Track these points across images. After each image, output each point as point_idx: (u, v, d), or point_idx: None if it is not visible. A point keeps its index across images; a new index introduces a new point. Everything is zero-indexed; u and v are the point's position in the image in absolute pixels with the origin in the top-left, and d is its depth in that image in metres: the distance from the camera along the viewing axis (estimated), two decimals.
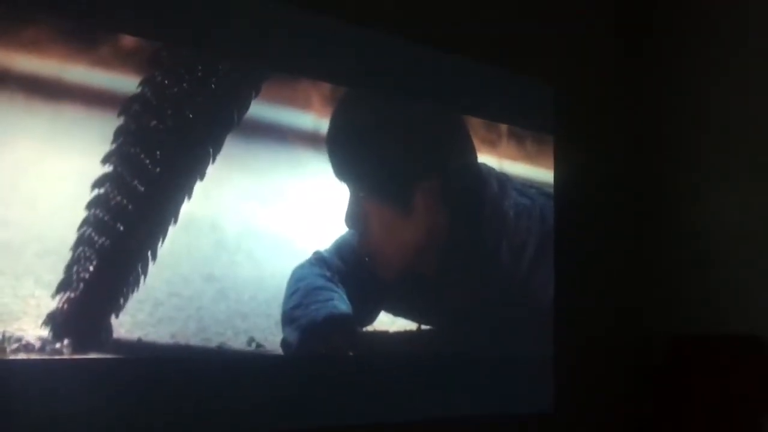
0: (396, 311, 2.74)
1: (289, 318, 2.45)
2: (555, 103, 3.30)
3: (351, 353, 2.61)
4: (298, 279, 2.48)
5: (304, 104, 2.55)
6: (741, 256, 3.34)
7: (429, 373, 2.83)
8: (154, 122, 2.26)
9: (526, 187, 3.09)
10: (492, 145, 3.02)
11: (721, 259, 3.39)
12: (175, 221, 2.23)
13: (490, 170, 2.97)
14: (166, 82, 2.29)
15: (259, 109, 2.43)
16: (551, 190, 3.24)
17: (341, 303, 2.55)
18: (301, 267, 2.51)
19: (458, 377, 2.90)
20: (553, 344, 3.21)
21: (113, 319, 2.14)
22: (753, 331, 3.21)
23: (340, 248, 2.61)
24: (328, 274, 2.56)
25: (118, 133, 2.18)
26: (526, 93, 3.24)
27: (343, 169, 2.63)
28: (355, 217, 2.66)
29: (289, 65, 2.56)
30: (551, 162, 3.23)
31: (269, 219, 2.43)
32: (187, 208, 2.26)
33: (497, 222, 2.92)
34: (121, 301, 2.15)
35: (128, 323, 2.15)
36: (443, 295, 2.87)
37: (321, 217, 2.56)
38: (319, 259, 2.56)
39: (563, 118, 3.32)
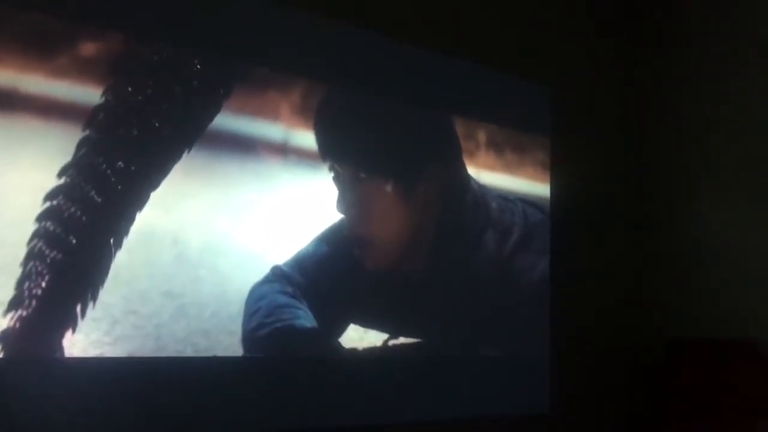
0: (366, 323, 2.66)
1: (250, 339, 2.37)
2: (552, 104, 3.26)
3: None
4: (258, 298, 2.39)
5: (273, 115, 2.48)
6: (737, 260, 3.32)
7: (421, 374, 2.79)
8: (120, 131, 2.20)
9: (504, 195, 3.04)
10: (470, 154, 2.95)
11: (718, 262, 3.37)
12: (126, 234, 2.16)
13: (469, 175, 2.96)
14: (130, 89, 2.22)
15: (225, 120, 2.37)
16: (531, 199, 3.16)
17: (306, 320, 2.48)
18: (260, 284, 2.42)
19: (452, 378, 2.87)
20: (549, 346, 3.18)
21: (69, 336, 2.08)
22: (748, 334, 3.18)
23: (301, 261, 2.51)
24: (289, 289, 2.47)
25: (82, 144, 2.12)
26: (523, 95, 3.20)
27: (341, 147, 2.57)
28: (349, 201, 2.59)
29: (277, 64, 2.51)
30: (531, 172, 3.17)
31: (235, 233, 2.37)
32: (147, 221, 2.20)
33: (481, 211, 2.89)
34: (77, 318, 2.09)
35: (82, 342, 2.09)
36: (431, 292, 2.81)
37: (289, 230, 2.49)
38: (278, 275, 2.47)
39: (560, 120, 3.29)
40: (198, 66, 2.34)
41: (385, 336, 2.70)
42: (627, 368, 3.51)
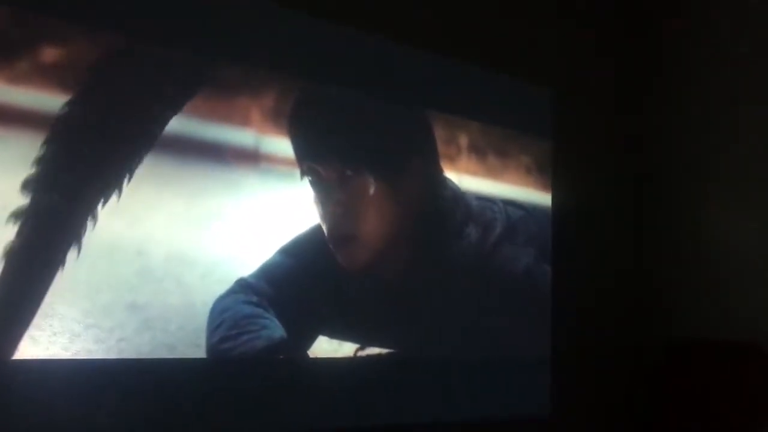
0: (338, 333, 2.58)
1: (215, 352, 2.30)
2: (553, 106, 3.24)
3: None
4: (221, 311, 2.30)
5: (244, 120, 2.41)
6: (740, 261, 3.31)
7: (421, 376, 2.76)
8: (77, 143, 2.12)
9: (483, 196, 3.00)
10: (451, 159, 2.88)
11: (721, 264, 3.36)
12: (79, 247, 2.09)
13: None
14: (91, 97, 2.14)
15: (193, 126, 2.30)
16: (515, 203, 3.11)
17: (274, 331, 2.40)
18: (223, 297, 2.32)
19: (451, 381, 2.84)
20: (551, 347, 3.16)
21: (27, 350, 2.02)
22: (751, 336, 3.16)
23: (267, 271, 2.42)
24: (254, 299, 2.37)
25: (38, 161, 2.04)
26: (523, 96, 3.16)
27: (324, 146, 2.53)
28: (336, 200, 2.54)
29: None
30: (515, 176, 3.10)
31: (202, 243, 2.30)
32: (111, 232, 2.13)
33: (462, 206, 2.86)
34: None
35: (41, 356, 2.02)
36: (413, 293, 2.76)
37: (260, 240, 2.42)
38: (242, 286, 2.37)
39: (562, 121, 3.26)
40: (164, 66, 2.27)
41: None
42: (629, 370, 3.49)
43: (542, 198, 3.19)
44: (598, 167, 3.48)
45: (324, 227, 2.57)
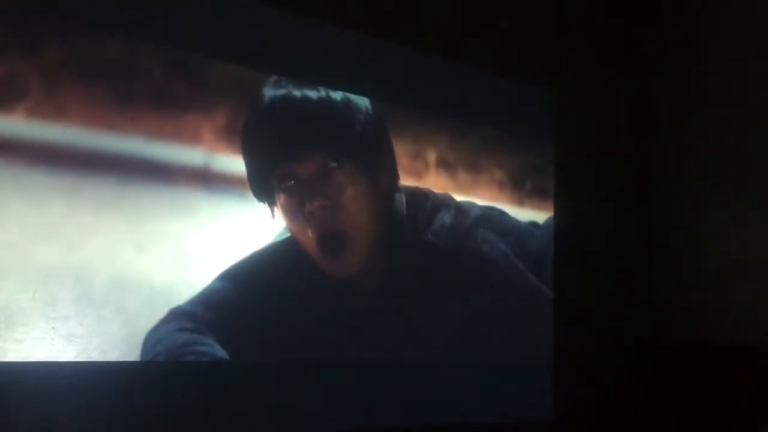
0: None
1: None
2: (557, 109, 3.20)
3: None
4: (153, 344, 2.16)
5: (193, 138, 2.30)
6: (741, 264, 3.29)
7: (421, 378, 2.70)
8: None
9: None
10: (418, 175, 2.77)
11: (722, 267, 3.35)
12: None
13: None
14: None
15: (137, 145, 2.20)
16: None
17: (215, 355, 2.27)
18: (155, 328, 2.18)
19: (451, 383, 2.79)
20: (553, 350, 3.12)
21: None
22: (753, 340, 3.14)
23: (207, 297, 2.27)
24: (189, 325, 2.23)
25: None
26: (525, 100, 3.12)
27: (300, 141, 2.46)
28: (323, 194, 2.47)
29: None
30: (487, 192, 2.99)
31: (146, 268, 2.19)
32: (47, 258, 2.03)
33: (430, 197, 2.78)
34: None
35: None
36: (399, 297, 2.69)
37: (209, 264, 2.31)
38: (175, 314, 2.22)
39: (565, 124, 3.23)
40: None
41: None
42: (631, 373, 3.45)
43: (516, 213, 3.07)
44: (602, 169, 3.45)
45: (307, 230, 2.47)
